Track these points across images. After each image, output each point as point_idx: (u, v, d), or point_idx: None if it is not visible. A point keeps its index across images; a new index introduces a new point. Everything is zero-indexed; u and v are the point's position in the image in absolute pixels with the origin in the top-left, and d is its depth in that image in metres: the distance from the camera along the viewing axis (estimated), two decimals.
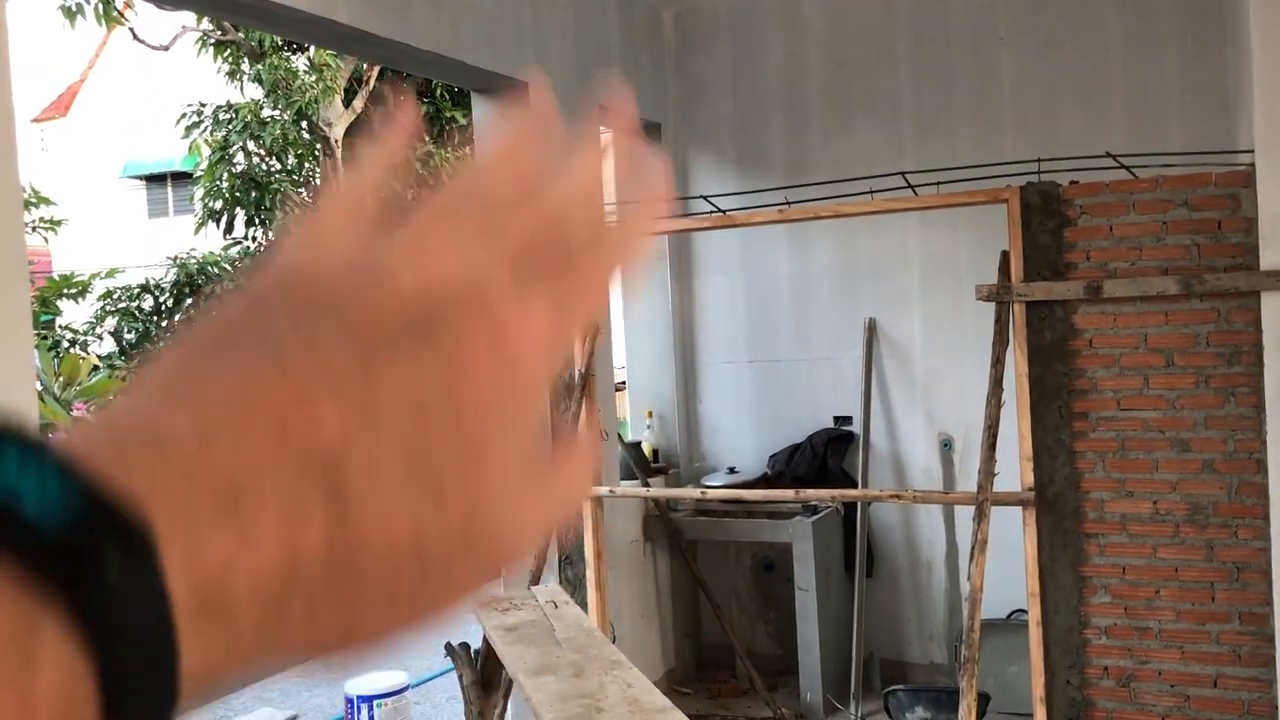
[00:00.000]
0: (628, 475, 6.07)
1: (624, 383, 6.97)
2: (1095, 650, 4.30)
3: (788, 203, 4.90)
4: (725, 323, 6.71)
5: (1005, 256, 4.40)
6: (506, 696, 4.83)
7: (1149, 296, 4.16)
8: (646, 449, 6.55)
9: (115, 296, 10.09)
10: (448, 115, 11.21)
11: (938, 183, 4.70)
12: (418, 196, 0.37)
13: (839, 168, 5.98)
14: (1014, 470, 4.42)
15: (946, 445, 6.03)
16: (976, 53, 5.95)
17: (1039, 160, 4.39)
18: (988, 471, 4.31)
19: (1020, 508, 4.37)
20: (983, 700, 5.19)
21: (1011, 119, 5.85)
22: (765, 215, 4.94)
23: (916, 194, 4.64)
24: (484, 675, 2.89)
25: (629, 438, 6.71)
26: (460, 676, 2.92)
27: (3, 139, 2.79)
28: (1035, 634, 4.34)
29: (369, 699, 5.38)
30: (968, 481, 5.80)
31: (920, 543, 6.17)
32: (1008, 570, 5.01)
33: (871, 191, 4.72)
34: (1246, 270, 3.99)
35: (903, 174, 4.66)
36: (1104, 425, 4.26)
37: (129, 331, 9.94)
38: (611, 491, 5.33)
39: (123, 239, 20.86)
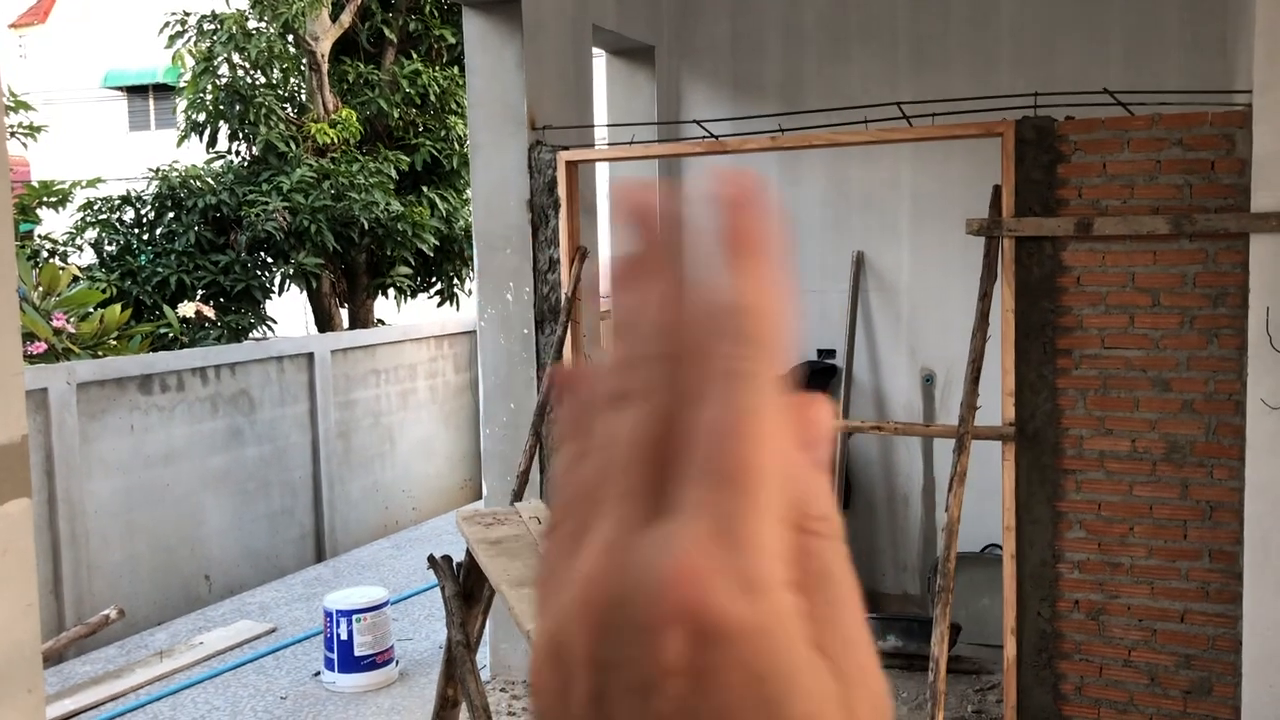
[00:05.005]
0: None
1: (609, 310, 6.95)
2: (1067, 584, 4.36)
3: (781, 130, 4.85)
4: None
5: (997, 191, 4.39)
6: (487, 610, 4.88)
7: (1139, 235, 4.15)
8: None
9: (96, 207, 9.94)
10: (436, 33, 11.01)
11: (933, 114, 4.66)
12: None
13: (834, 97, 5.91)
14: (995, 405, 4.45)
15: (928, 380, 6.06)
16: None
17: (1035, 94, 4.35)
18: (970, 405, 4.33)
19: (1000, 442, 4.40)
20: (954, 630, 5.27)
21: (1009, 52, 5.79)
22: (758, 142, 4.89)
23: (911, 125, 4.60)
24: (466, 587, 2.91)
25: None
26: (442, 589, 2.95)
27: None
28: (1009, 567, 4.40)
29: (348, 614, 5.43)
30: (948, 417, 5.84)
31: (898, 476, 6.23)
32: (984, 505, 5.07)
33: (866, 121, 4.67)
34: (1237, 212, 3.99)
35: (898, 104, 4.61)
36: (1087, 363, 4.29)
37: (109, 243, 9.80)
38: None
39: (103, 150, 20.52)
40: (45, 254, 9.66)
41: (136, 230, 9.99)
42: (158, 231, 9.95)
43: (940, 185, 5.95)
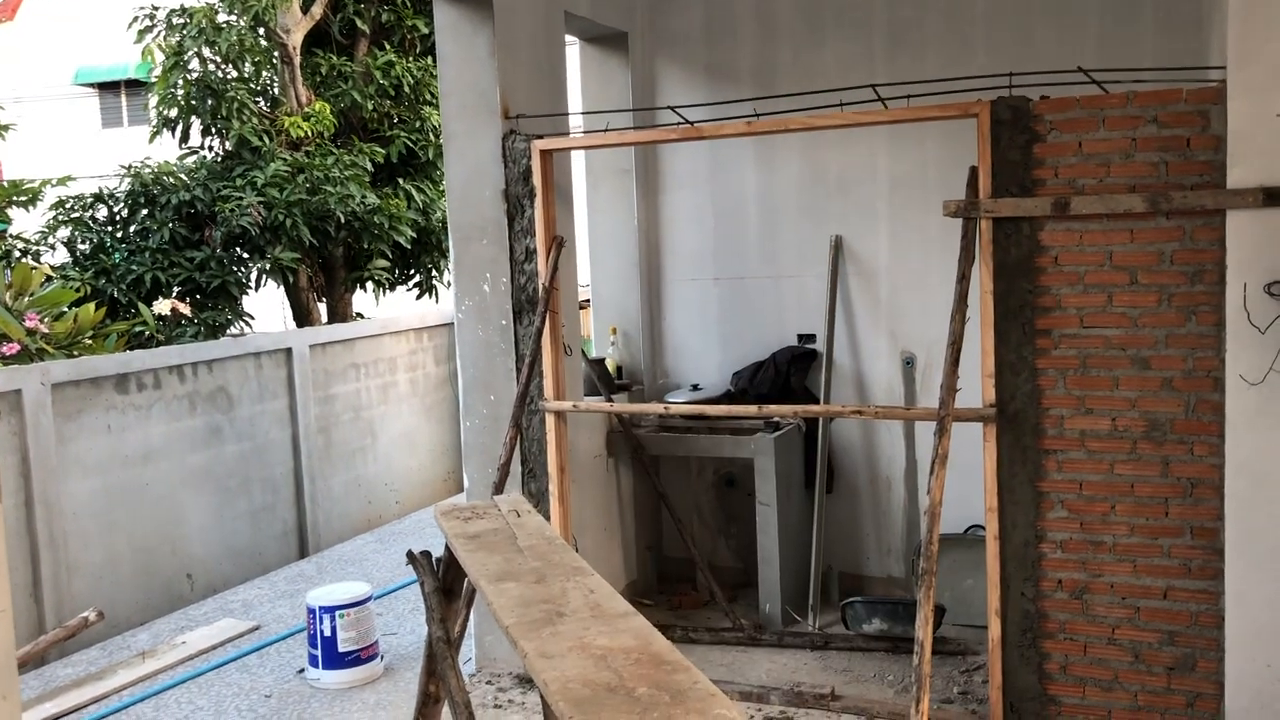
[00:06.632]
0: (591, 391, 6.06)
1: (589, 300, 6.92)
2: (1050, 564, 4.37)
3: (756, 114, 4.82)
4: (691, 239, 6.66)
5: (974, 172, 4.37)
6: (469, 605, 4.85)
7: (1116, 214, 4.15)
8: (611, 366, 6.53)
9: (68, 205, 9.83)
10: (409, 24, 10.93)
11: (908, 96, 4.64)
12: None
13: (809, 81, 5.90)
14: (976, 387, 4.45)
15: (908, 363, 6.05)
16: None
17: (1010, 74, 4.33)
18: (950, 387, 4.33)
19: (981, 424, 4.40)
20: (938, 612, 5.29)
21: (983, 33, 5.77)
22: (733, 127, 4.86)
23: (886, 107, 4.58)
24: (445, 582, 2.88)
25: (593, 354, 6.68)
26: (422, 584, 2.92)
27: None
28: (992, 548, 4.41)
29: (331, 610, 5.39)
30: (929, 399, 5.85)
31: (880, 459, 6.23)
32: (966, 486, 5.07)
33: (841, 104, 4.65)
34: (1213, 188, 3.99)
35: (873, 86, 4.59)
36: (1066, 342, 4.28)
37: (82, 242, 9.70)
38: (575, 407, 5.31)
39: (75, 148, 20.33)
40: (17, 254, 9.55)
41: (110, 228, 9.89)
42: (131, 229, 9.85)
43: (917, 168, 5.93)
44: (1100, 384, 4.26)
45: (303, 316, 10.65)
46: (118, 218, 9.94)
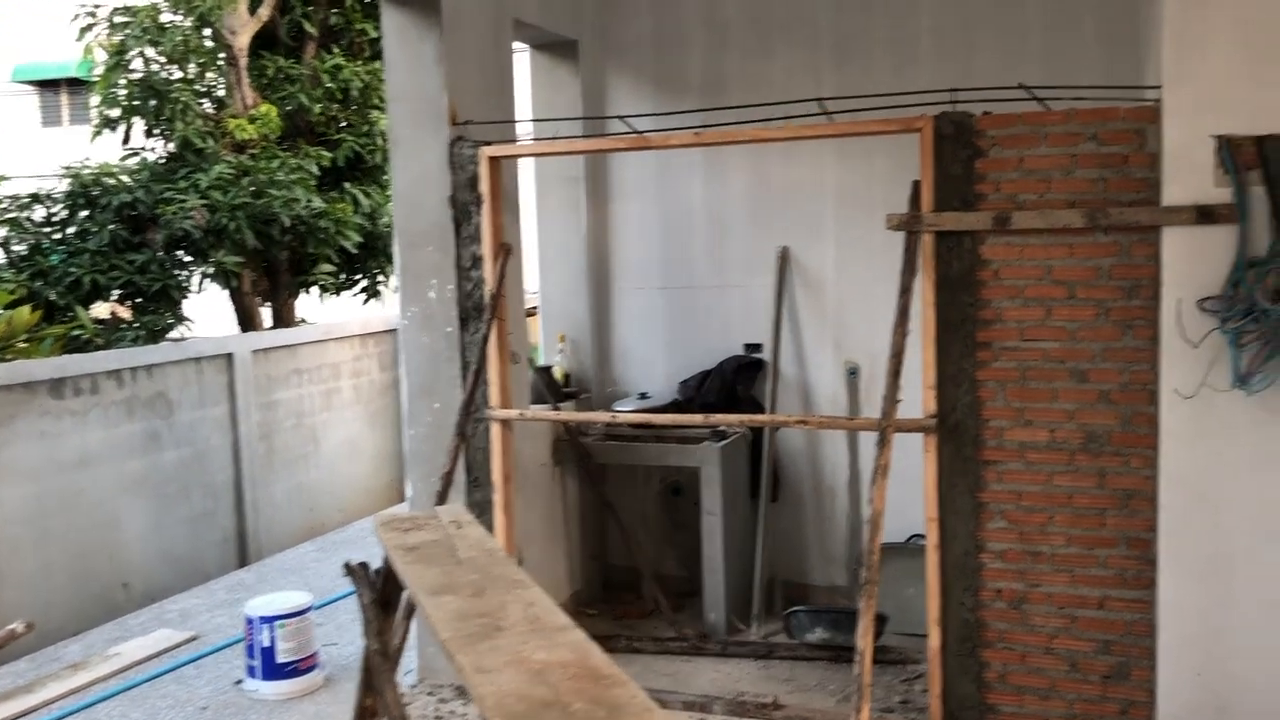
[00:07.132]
0: (538, 400, 6.03)
1: (537, 307, 6.90)
2: (990, 574, 4.42)
3: (705, 125, 4.84)
4: (639, 248, 6.66)
5: (916, 186, 4.42)
6: (409, 617, 4.80)
7: (1055, 229, 4.21)
8: (558, 373, 6.51)
9: (3, 206, 9.62)
10: (358, 27, 10.84)
11: (853, 110, 4.68)
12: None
13: (757, 92, 5.93)
14: (917, 398, 4.49)
15: (852, 373, 6.10)
16: None
17: (953, 90, 4.39)
18: (891, 398, 4.36)
19: (922, 435, 4.44)
20: (880, 621, 5.33)
21: (928, 48, 5.84)
22: (681, 138, 4.87)
23: (832, 120, 4.62)
24: (383, 595, 2.85)
25: (541, 362, 6.66)
26: (360, 596, 2.88)
27: None
28: (933, 558, 4.45)
29: (270, 620, 5.31)
30: (872, 409, 5.89)
31: (824, 469, 6.27)
32: (908, 496, 5.11)
33: (789, 116, 4.67)
34: (1149, 205, 4.06)
35: (819, 100, 4.62)
36: (1006, 355, 4.34)
37: (18, 243, 9.49)
38: (521, 415, 5.29)
39: (14, 147, 19.89)
40: None
41: (47, 229, 9.68)
42: (70, 230, 9.65)
43: (863, 180, 5.99)
44: (1039, 396, 4.31)
45: (246, 321, 10.50)
46: (55, 219, 9.73)
